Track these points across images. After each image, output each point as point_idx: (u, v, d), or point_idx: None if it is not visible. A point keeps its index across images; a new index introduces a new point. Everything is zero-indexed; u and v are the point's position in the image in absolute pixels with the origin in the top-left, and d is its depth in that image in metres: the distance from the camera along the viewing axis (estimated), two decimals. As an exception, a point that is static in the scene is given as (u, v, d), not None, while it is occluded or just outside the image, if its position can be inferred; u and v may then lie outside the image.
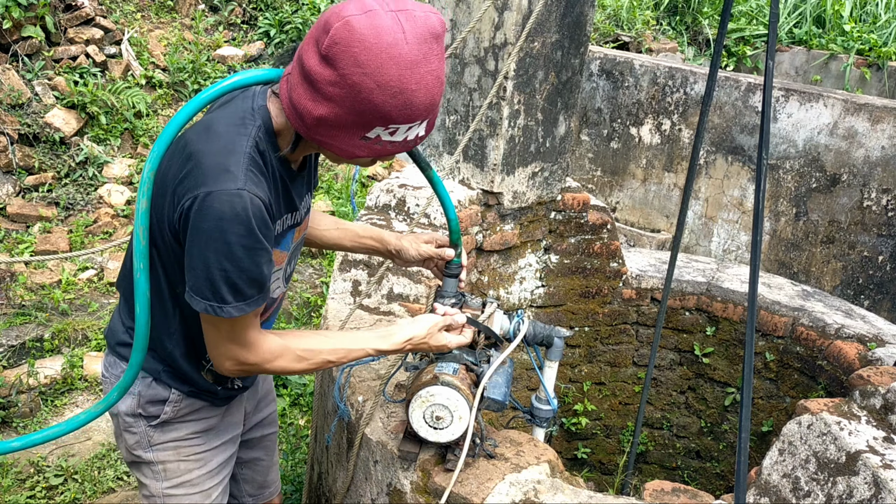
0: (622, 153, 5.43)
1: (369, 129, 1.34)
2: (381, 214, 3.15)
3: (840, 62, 6.39)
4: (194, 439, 1.76)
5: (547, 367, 2.00)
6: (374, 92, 1.27)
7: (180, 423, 1.73)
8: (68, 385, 4.01)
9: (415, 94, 1.30)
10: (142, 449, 1.72)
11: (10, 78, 5.40)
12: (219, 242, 1.37)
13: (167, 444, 1.73)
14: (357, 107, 1.29)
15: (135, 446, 1.72)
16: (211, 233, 1.36)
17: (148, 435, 1.71)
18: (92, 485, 3.42)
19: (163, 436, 1.72)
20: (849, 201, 4.53)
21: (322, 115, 1.32)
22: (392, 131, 1.35)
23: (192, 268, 1.41)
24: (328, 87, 1.29)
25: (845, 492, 1.90)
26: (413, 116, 1.33)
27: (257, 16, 7.18)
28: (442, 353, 1.77)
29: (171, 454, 1.74)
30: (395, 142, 1.38)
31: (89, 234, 5.20)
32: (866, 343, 3.00)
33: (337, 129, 1.34)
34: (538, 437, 2.06)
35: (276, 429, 2.18)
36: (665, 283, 3.16)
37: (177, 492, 1.77)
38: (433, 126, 1.44)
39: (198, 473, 1.79)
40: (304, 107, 1.33)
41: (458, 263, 1.89)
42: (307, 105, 1.33)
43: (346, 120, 1.32)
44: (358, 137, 1.35)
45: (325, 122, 1.33)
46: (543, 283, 3.57)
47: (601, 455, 3.90)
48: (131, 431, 1.71)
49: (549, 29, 3.02)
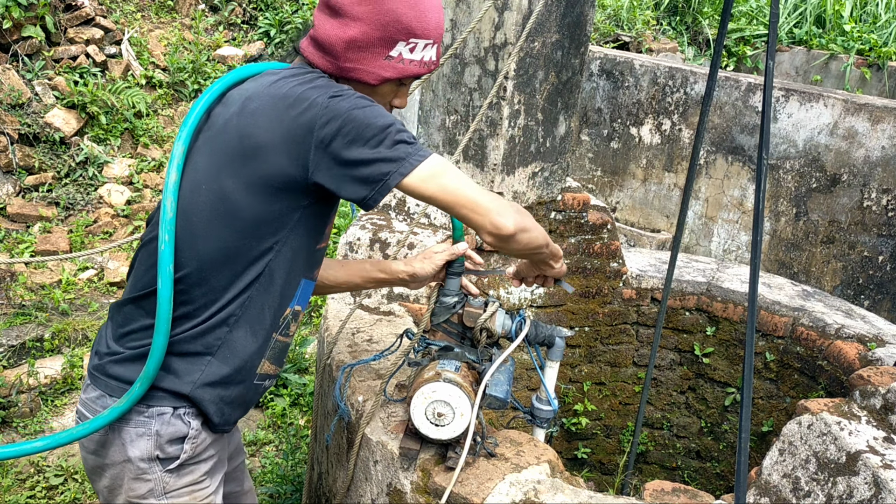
0: (622, 153, 5.43)
1: (393, 46, 1.53)
2: (381, 214, 3.15)
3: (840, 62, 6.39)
4: (204, 481, 1.67)
5: (548, 367, 2.00)
6: (395, 1, 1.50)
7: (195, 463, 1.63)
8: (68, 385, 4.01)
9: (427, 8, 1.54)
10: (154, 497, 1.59)
11: (11, 78, 5.40)
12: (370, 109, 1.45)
13: (182, 491, 1.62)
14: (381, 19, 1.50)
15: (146, 495, 1.59)
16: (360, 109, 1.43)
17: (164, 482, 1.58)
18: (92, 485, 3.42)
19: (178, 481, 1.61)
20: (849, 201, 4.53)
21: (352, 35, 1.51)
22: (412, 47, 1.55)
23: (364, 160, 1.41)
24: (355, 8, 1.50)
25: (845, 492, 1.90)
26: (427, 30, 1.55)
27: (257, 16, 7.18)
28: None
29: (187, 500, 1.63)
30: (414, 60, 1.57)
31: (89, 234, 5.20)
32: (866, 343, 3.00)
33: (365, 50, 1.53)
34: (538, 437, 2.06)
35: (244, 456, 2.06)
36: (665, 283, 3.16)
37: None
38: (440, 56, 1.63)
39: None
40: (334, 36, 1.52)
41: (461, 261, 1.90)
42: (337, 33, 1.52)
43: (373, 37, 1.52)
44: (383, 57, 1.54)
45: (355, 44, 1.52)
46: (543, 283, 3.57)
47: (601, 455, 3.90)
48: (143, 479, 1.57)
49: (549, 29, 3.02)
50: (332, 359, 2.29)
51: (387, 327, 2.47)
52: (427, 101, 3.34)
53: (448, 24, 3.11)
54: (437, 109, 3.30)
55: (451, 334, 1.92)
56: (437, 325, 1.92)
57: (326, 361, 2.33)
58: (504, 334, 1.91)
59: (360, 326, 2.47)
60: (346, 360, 2.24)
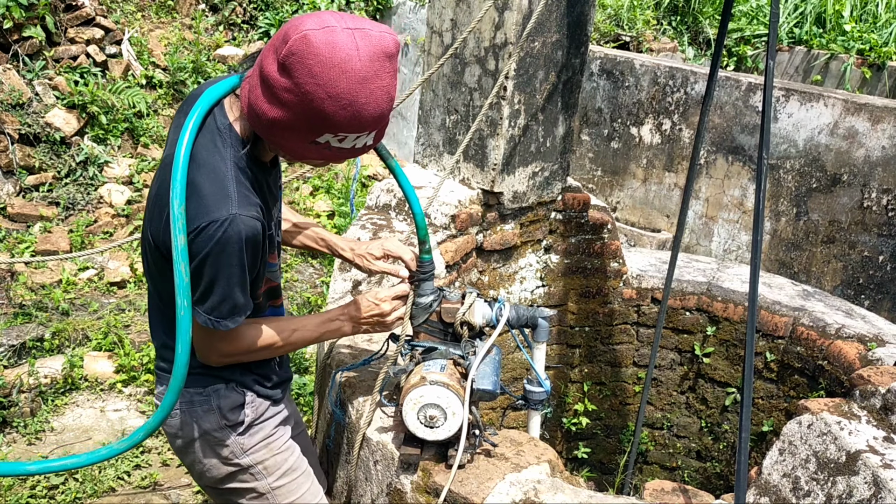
0: (623, 153, 5.42)
1: (319, 135, 1.44)
2: (382, 214, 3.15)
3: (841, 62, 6.39)
4: (277, 432, 1.88)
5: (535, 348, 1.99)
6: (326, 102, 1.37)
7: (262, 421, 1.84)
8: (69, 385, 4.01)
9: (364, 107, 1.40)
10: (237, 457, 1.82)
11: (11, 78, 5.40)
12: (221, 265, 1.50)
13: (259, 445, 1.83)
14: (308, 114, 1.40)
15: (230, 456, 1.81)
16: (214, 256, 1.49)
17: (239, 444, 1.80)
18: (93, 484, 3.42)
19: (252, 439, 1.82)
20: (849, 201, 4.52)
21: (276, 117, 1.43)
22: (341, 139, 1.45)
23: (193, 284, 1.52)
24: (283, 93, 1.39)
25: (845, 491, 1.90)
26: (362, 127, 1.44)
27: (257, 15, 7.18)
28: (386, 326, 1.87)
29: (265, 452, 1.84)
30: (343, 148, 1.48)
31: (90, 234, 5.20)
32: (867, 343, 3.00)
33: (289, 131, 1.44)
34: (535, 422, 2.06)
35: (305, 427, 2.24)
36: (665, 283, 3.16)
37: (283, 481, 1.89)
38: (382, 136, 1.54)
39: (293, 460, 1.91)
40: (260, 108, 1.45)
41: (429, 261, 1.87)
42: (263, 107, 1.44)
43: (298, 125, 1.42)
44: (308, 141, 1.46)
45: (279, 125, 1.44)
46: (544, 282, 3.57)
47: (601, 455, 3.90)
48: (223, 445, 1.80)
49: (549, 29, 3.02)
50: (331, 358, 2.29)
51: (387, 327, 2.47)
52: (427, 100, 3.35)
53: (448, 23, 3.11)
54: (438, 109, 3.30)
55: (433, 333, 1.90)
56: (418, 327, 1.90)
57: (326, 361, 2.34)
58: (486, 324, 1.90)
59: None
60: (346, 359, 2.24)
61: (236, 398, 1.77)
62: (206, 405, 1.76)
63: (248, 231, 1.50)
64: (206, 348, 1.66)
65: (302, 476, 1.93)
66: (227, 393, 1.77)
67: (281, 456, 1.89)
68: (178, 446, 1.84)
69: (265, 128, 1.47)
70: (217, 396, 1.76)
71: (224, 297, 1.55)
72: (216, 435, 1.78)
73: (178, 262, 1.46)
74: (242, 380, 1.79)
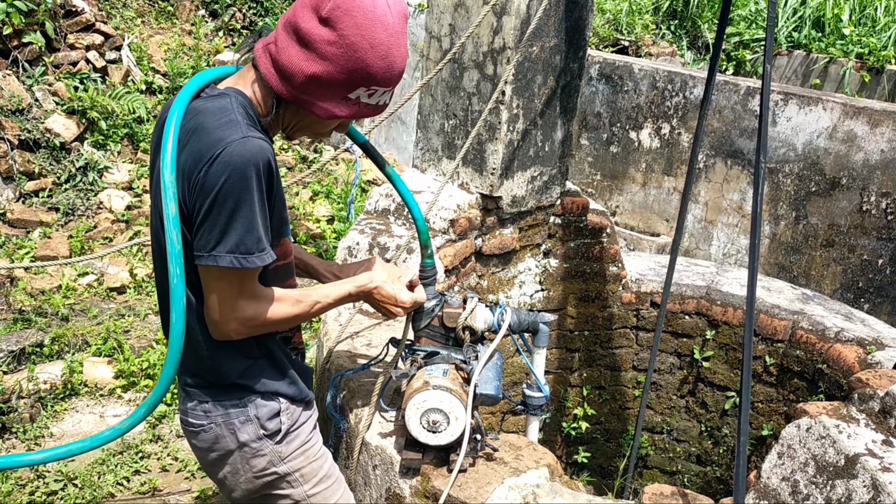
0: (622, 157, 5.43)
1: (355, 89, 1.52)
2: (381, 219, 3.15)
3: (839, 66, 6.40)
4: (311, 440, 1.87)
5: (535, 354, 1.99)
6: (368, 53, 1.47)
7: (297, 429, 1.82)
8: (68, 390, 4.01)
9: (395, 60, 1.52)
10: (274, 466, 1.80)
11: (11, 84, 5.41)
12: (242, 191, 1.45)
13: (296, 453, 1.82)
14: (350, 65, 1.47)
15: (268, 466, 1.79)
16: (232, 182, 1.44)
17: (277, 452, 1.79)
18: (92, 490, 3.41)
19: (289, 447, 1.81)
20: (848, 205, 4.53)
21: (315, 72, 1.48)
22: (371, 93, 1.54)
23: (211, 226, 1.47)
24: (326, 47, 1.46)
25: (844, 495, 1.90)
26: (391, 80, 1.54)
27: (257, 21, 7.20)
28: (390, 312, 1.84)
29: (302, 459, 1.83)
30: (369, 104, 1.57)
31: (89, 239, 5.20)
32: (866, 346, 3.00)
33: (325, 87, 1.50)
34: (533, 426, 2.06)
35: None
36: (665, 287, 3.17)
37: (319, 488, 1.88)
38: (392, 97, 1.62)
39: (327, 466, 1.91)
40: (296, 66, 1.49)
41: (431, 265, 1.88)
42: (301, 65, 1.49)
43: (338, 78, 1.49)
44: (341, 97, 1.53)
45: (316, 80, 1.49)
46: (543, 287, 3.57)
47: (601, 459, 3.89)
48: (261, 455, 1.78)
49: (547, 33, 3.03)
50: (331, 363, 2.29)
51: (385, 331, 2.47)
52: (426, 105, 3.35)
53: (447, 28, 3.12)
54: (436, 114, 3.31)
55: (435, 338, 1.91)
56: (420, 331, 1.91)
57: (325, 365, 2.34)
58: (487, 329, 1.90)
59: (358, 330, 2.47)
60: (345, 364, 2.24)
61: (273, 406, 1.76)
62: (243, 416, 1.74)
63: (263, 153, 1.47)
64: (227, 311, 1.56)
65: (336, 483, 1.93)
66: (265, 402, 1.75)
67: (317, 463, 1.88)
68: (210, 459, 1.81)
69: (300, 87, 1.50)
70: (255, 406, 1.74)
71: (248, 228, 1.48)
72: (254, 445, 1.76)
73: (171, 231, 1.44)
74: (275, 387, 1.77)
